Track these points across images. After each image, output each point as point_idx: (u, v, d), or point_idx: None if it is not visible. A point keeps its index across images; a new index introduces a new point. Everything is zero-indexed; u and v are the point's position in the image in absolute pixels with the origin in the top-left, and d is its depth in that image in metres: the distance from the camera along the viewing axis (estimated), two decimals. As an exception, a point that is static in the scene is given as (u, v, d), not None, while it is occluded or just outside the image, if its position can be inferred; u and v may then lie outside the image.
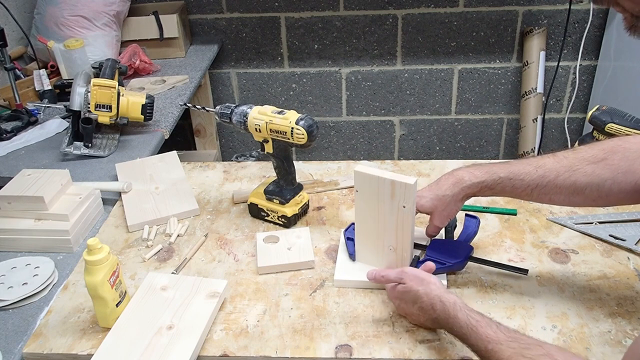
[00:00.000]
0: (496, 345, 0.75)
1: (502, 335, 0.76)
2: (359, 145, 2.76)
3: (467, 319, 0.80)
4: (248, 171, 1.41)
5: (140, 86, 1.94)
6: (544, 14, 2.39)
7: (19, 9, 2.11)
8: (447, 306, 0.84)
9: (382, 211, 0.96)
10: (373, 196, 0.96)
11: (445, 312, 0.83)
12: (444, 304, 0.84)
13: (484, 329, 0.78)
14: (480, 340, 0.77)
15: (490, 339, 0.76)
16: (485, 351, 0.76)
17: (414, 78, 2.56)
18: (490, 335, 0.77)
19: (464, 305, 0.83)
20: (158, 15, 2.18)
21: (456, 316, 0.82)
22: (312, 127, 1.08)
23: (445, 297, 0.85)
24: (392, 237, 0.98)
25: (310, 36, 2.49)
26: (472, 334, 0.79)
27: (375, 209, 0.97)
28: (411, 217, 0.94)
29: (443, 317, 0.84)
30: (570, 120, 2.61)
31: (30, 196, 1.13)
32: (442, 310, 0.84)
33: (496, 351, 0.75)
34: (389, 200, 0.94)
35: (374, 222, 0.98)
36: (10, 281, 1.03)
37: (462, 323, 0.81)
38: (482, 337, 0.77)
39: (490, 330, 0.77)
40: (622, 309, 0.94)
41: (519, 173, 0.92)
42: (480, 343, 0.78)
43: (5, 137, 1.60)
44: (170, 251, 1.13)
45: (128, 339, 0.89)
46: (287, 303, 0.99)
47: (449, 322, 0.83)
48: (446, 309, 0.84)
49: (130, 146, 1.56)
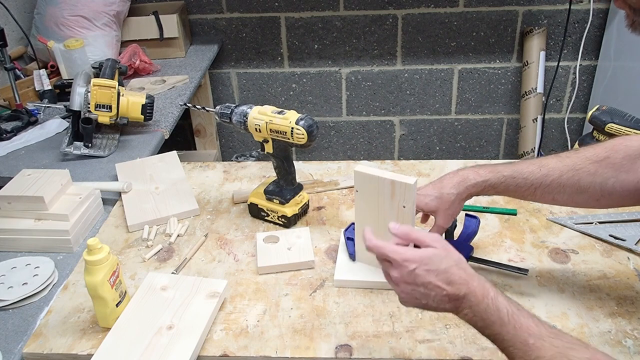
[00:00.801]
0: (538, 340, 0.68)
1: (544, 330, 0.69)
2: (359, 145, 2.76)
3: (509, 305, 0.72)
4: (248, 171, 1.41)
5: (140, 86, 1.94)
6: (544, 14, 2.39)
7: (19, 9, 2.11)
8: (487, 286, 0.74)
9: (382, 211, 0.96)
10: (373, 196, 0.96)
11: (483, 291, 0.73)
12: (481, 279, 0.74)
13: (525, 319, 0.70)
14: (521, 330, 0.69)
15: (532, 331, 0.69)
16: (525, 344, 0.68)
17: (414, 78, 2.56)
18: (532, 328, 0.69)
19: (501, 293, 0.74)
20: (158, 15, 2.18)
21: (496, 297, 0.72)
22: (312, 127, 1.08)
23: (482, 277, 0.76)
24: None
25: (310, 36, 2.49)
26: (512, 321, 0.70)
27: (375, 209, 0.97)
28: (411, 217, 0.93)
29: (478, 293, 0.73)
30: (570, 120, 2.61)
31: (30, 196, 1.13)
32: (479, 286, 0.73)
33: (538, 347, 0.67)
34: (389, 200, 0.94)
35: (374, 221, 0.98)
36: (10, 281, 1.03)
37: (503, 307, 0.71)
38: (524, 327, 0.69)
39: (532, 322, 0.70)
40: (622, 309, 0.94)
41: (522, 172, 0.92)
42: (520, 333, 0.69)
43: (5, 137, 1.60)
44: (170, 251, 1.13)
45: (128, 339, 0.89)
46: (287, 303, 0.99)
47: (483, 301, 0.72)
48: (485, 288, 0.73)
49: (130, 146, 1.56)
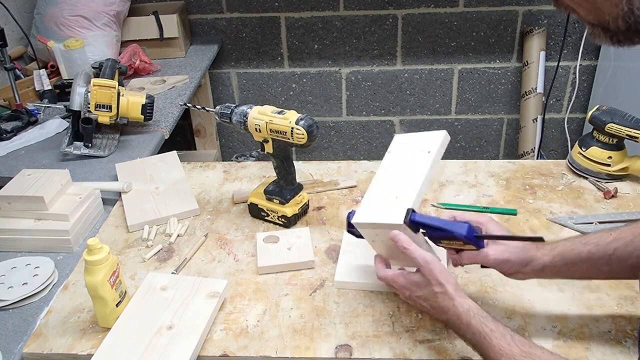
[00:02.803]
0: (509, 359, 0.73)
1: (516, 349, 0.73)
2: (359, 145, 2.76)
3: (481, 327, 0.78)
4: (248, 171, 1.41)
5: (140, 86, 1.94)
6: (544, 14, 2.39)
7: (19, 9, 2.11)
8: (460, 312, 0.81)
9: (405, 164, 0.96)
10: (403, 154, 0.98)
11: (458, 317, 0.81)
12: (456, 308, 0.82)
13: (497, 340, 0.75)
14: (493, 352, 0.75)
15: (503, 352, 0.74)
16: None
17: (414, 78, 2.56)
18: (504, 348, 0.74)
19: (479, 311, 0.81)
20: (158, 15, 2.18)
21: (469, 323, 0.79)
22: (312, 127, 1.08)
23: (460, 301, 0.82)
24: (401, 187, 0.94)
25: (310, 36, 2.49)
26: (485, 343, 0.76)
27: (399, 166, 0.97)
28: (429, 165, 0.92)
29: (454, 320, 0.82)
30: (570, 120, 2.61)
31: (30, 196, 1.13)
32: (454, 314, 0.82)
33: None
34: (417, 151, 0.96)
35: (391, 177, 0.97)
36: (10, 281, 1.03)
37: (475, 330, 0.78)
38: (496, 348, 0.75)
39: (504, 342, 0.75)
40: (622, 309, 0.94)
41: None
42: (492, 354, 0.75)
43: (5, 137, 1.60)
44: (170, 251, 1.13)
45: (128, 339, 0.89)
46: (287, 303, 0.99)
47: (461, 327, 0.81)
48: (459, 314, 0.81)
49: (130, 146, 1.56)
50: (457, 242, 0.87)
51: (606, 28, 0.62)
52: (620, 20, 0.60)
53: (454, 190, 1.29)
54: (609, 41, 0.64)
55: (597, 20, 0.63)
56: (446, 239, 0.88)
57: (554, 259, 0.87)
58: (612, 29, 0.62)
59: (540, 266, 0.87)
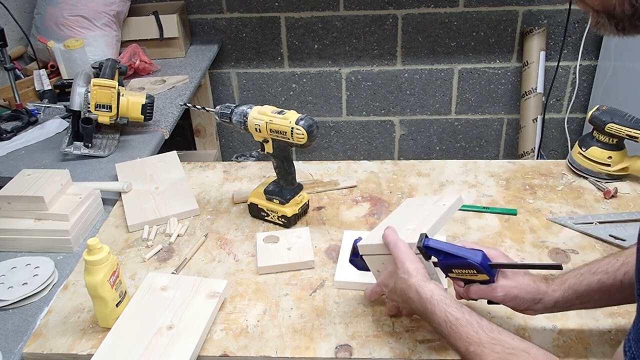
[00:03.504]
0: (478, 347, 0.70)
1: (483, 336, 0.71)
2: (359, 145, 2.76)
3: (445, 316, 0.75)
4: (248, 171, 1.41)
5: (140, 86, 1.94)
6: (544, 14, 2.39)
7: (19, 9, 2.11)
8: (424, 299, 0.78)
9: (419, 212, 0.95)
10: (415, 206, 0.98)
11: (423, 306, 0.78)
12: (420, 295, 0.78)
13: (463, 328, 0.73)
14: (460, 340, 0.72)
15: (471, 340, 0.71)
16: (467, 352, 0.72)
17: (414, 78, 2.56)
18: (472, 336, 0.71)
19: (443, 297, 0.77)
20: (158, 15, 2.18)
21: (433, 312, 0.76)
22: (312, 127, 1.08)
23: (422, 287, 0.78)
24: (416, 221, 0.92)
25: (310, 36, 2.49)
26: (451, 332, 0.74)
27: (413, 213, 0.96)
28: (447, 210, 0.91)
29: (421, 309, 0.79)
30: (570, 120, 2.61)
31: (30, 196, 1.13)
32: (419, 303, 0.78)
33: (478, 354, 0.70)
34: (430, 203, 0.95)
35: (404, 218, 0.95)
36: (10, 281, 1.03)
37: (440, 320, 0.75)
38: (463, 337, 0.72)
39: (471, 330, 0.72)
40: (622, 309, 0.94)
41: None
42: (460, 343, 0.73)
43: (5, 137, 1.60)
44: (170, 251, 1.13)
45: (128, 339, 0.89)
46: (287, 303, 0.99)
47: (427, 316, 0.78)
48: (423, 302, 0.78)
49: (130, 146, 1.56)
50: (469, 271, 0.83)
51: (611, 14, 0.61)
52: (627, 3, 0.58)
53: (454, 191, 1.29)
54: (614, 29, 0.62)
55: (602, 5, 0.61)
56: (459, 268, 0.84)
57: (565, 293, 0.83)
58: (618, 14, 0.60)
59: (552, 302, 0.83)
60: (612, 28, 0.63)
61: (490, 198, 1.26)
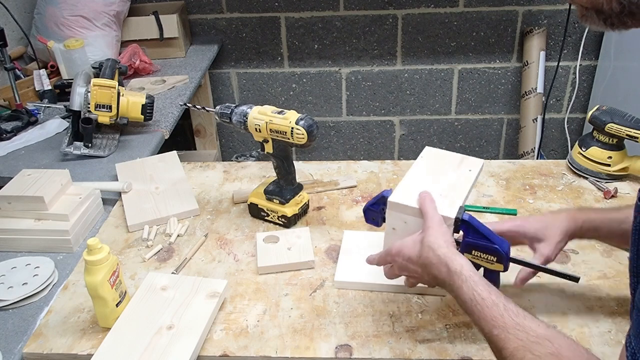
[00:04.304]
0: (502, 332, 0.68)
1: (509, 321, 0.69)
2: (359, 145, 2.76)
3: (472, 294, 0.73)
4: (248, 171, 1.41)
5: (140, 86, 1.94)
6: (544, 14, 2.39)
7: (19, 9, 2.11)
8: (452, 272, 0.76)
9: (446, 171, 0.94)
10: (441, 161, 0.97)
11: (450, 279, 0.76)
12: (449, 268, 0.77)
13: (489, 309, 0.71)
14: (485, 321, 0.71)
15: (496, 323, 0.70)
16: (490, 334, 0.70)
17: (414, 78, 2.56)
18: (497, 319, 0.70)
19: (472, 273, 0.75)
20: (158, 15, 2.18)
21: (460, 287, 0.75)
22: (312, 127, 1.08)
23: (452, 260, 0.77)
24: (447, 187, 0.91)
25: (310, 36, 2.49)
26: (476, 311, 0.72)
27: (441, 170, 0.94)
28: (473, 179, 0.91)
29: (448, 282, 0.77)
30: (570, 120, 2.61)
31: (30, 196, 1.13)
32: (447, 275, 0.77)
33: (502, 339, 0.68)
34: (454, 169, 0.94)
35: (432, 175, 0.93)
36: (10, 281, 1.03)
37: (466, 297, 0.74)
38: (487, 318, 0.71)
39: (497, 312, 0.70)
40: (622, 309, 0.94)
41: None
42: (484, 324, 0.71)
43: (5, 137, 1.60)
44: (170, 251, 1.13)
45: (128, 339, 0.89)
46: (287, 303, 0.99)
47: (453, 290, 0.77)
48: (451, 275, 0.76)
49: (130, 146, 1.56)
50: (490, 257, 0.82)
51: (600, 10, 0.62)
52: (615, 2, 0.60)
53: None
54: (602, 24, 0.64)
55: (591, 3, 0.63)
56: (482, 251, 0.83)
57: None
58: (606, 11, 0.61)
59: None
60: (600, 22, 0.64)
61: (490, 198, 1.26)
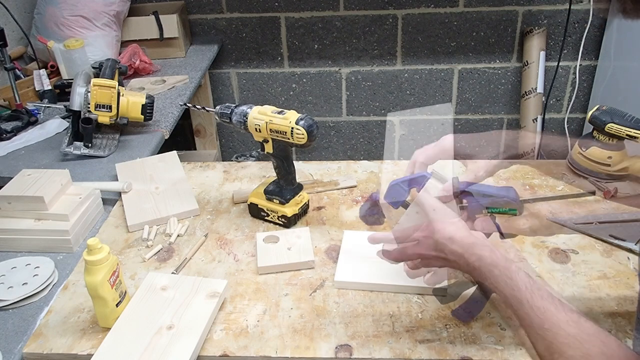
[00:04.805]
0: (554, 326, 0.65)
1: (562, 317, 0.65)
2: (359, 145, 2.76)
3: (528, 282, 0.69)
4: (248, 171, 1.41)
5: (140, 86, 1.94)
6: (544, 14, 2.39)
7: (19, 9, 2.11)
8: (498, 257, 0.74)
9: None
10: None
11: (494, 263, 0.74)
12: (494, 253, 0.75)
13: (543, 301, 0.67)
14: (537, 314, 0.67)
15: (548, 317, 0.66)
16: (540, 328, 0.66)
17: (414, 78, 2.56)
18: (549, 313, 0.66)
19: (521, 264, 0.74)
20: (158, 15, 2.19)
21: (518, 272, 0.71)
22: (312, 127, 1.08)
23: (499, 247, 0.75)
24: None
25: (310, 36, 2.49)
26: (530, 302, 0.68)
27: None
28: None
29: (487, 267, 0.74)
30: (570, 120, 2.61)
31: (30, 196, 1.13)
32: (496, 256, 0.74)
33: (554, 333, 0.64)
34: None
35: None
36: (10, 281, 1.03)
37: (521, 284, 0.69)
38: (541, 310, 0.67)
39: (551, 306, 0.66)
40: (622, 309, 0.94)
41: None
42: (536, 317, 0.67)
43: (5, 137, 1.60)
44: (170, 251, 1.13)
45: (128, 339, 0.89)
46: (287, 303, 0.99)
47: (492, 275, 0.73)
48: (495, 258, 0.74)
49: (130, 146, 1.56)
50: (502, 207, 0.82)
51: None
52: None
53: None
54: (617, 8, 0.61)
55: None
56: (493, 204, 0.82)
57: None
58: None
59: None
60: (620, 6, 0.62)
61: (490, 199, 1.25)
